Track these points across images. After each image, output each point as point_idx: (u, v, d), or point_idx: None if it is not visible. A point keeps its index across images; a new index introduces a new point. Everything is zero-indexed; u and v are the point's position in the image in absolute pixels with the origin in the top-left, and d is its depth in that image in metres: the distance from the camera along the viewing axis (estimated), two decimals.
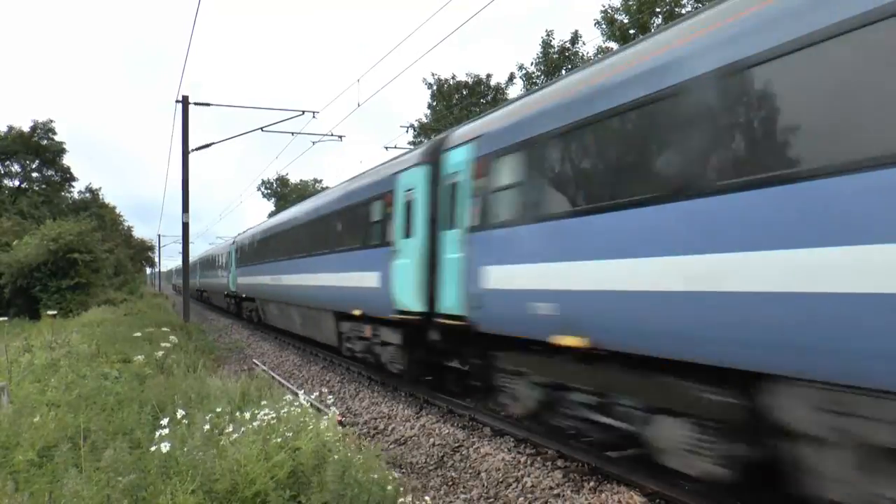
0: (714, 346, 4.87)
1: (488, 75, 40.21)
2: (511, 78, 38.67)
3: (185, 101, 20.93)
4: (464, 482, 7.07)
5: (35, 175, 45.85)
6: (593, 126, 6.23)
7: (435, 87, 40.73)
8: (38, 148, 44.11)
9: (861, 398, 4.06)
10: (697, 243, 4.98)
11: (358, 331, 12.90)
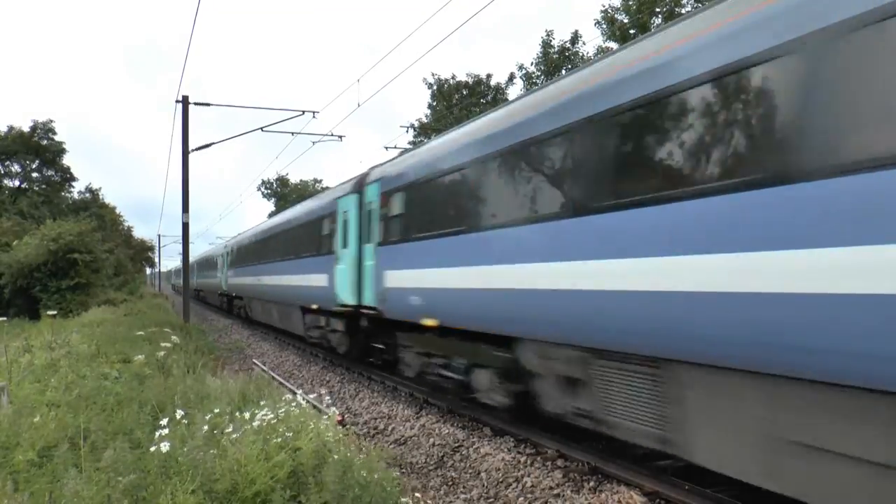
0: (491, 321, 7.79)
1: (488, 75, 40.25)
2: (511, 78, 38.73)
3: (185, 101, 20.89)
4: (464, 482, 7.07)
5: (35, 175, 45.73)
6: (432, 181, 9.54)
7: (435, 87, 40.74)
8: (38, 148, 44.04)
9: (551, 348, 6.87)
10: (477, 259, 7.97)
11: (316, 322, 15.98)
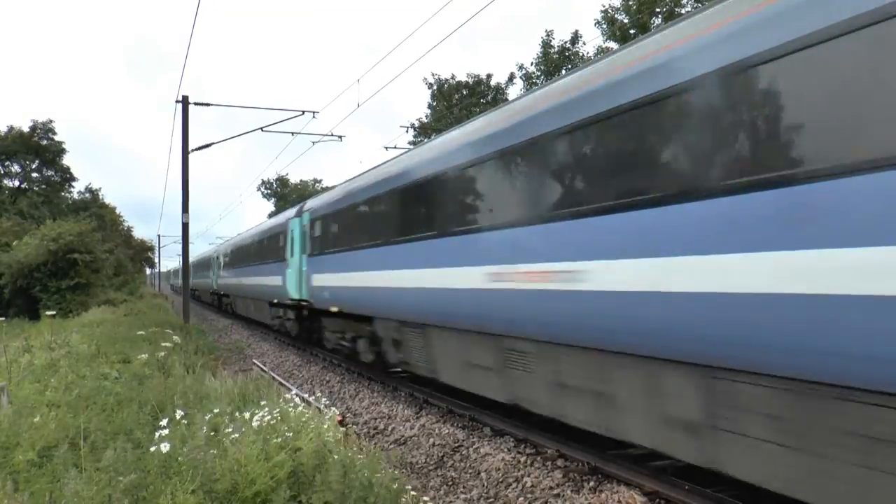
0: (360, 307, 11.98)
1: (488, 75, 40.26)
2: (511, 78, 38.73)
3: (185, 101, 20.88)
4: (464, 482, 7.07)
5: (35, 175, 45.68)
6: (331, 215, 14.20)
7: (435, 87, 40.73)
8: (38, 148, 44.02)
9: (386, 322, 11.07)
10: (352, 267, 12.04)
11: (277, 312, 20.97)
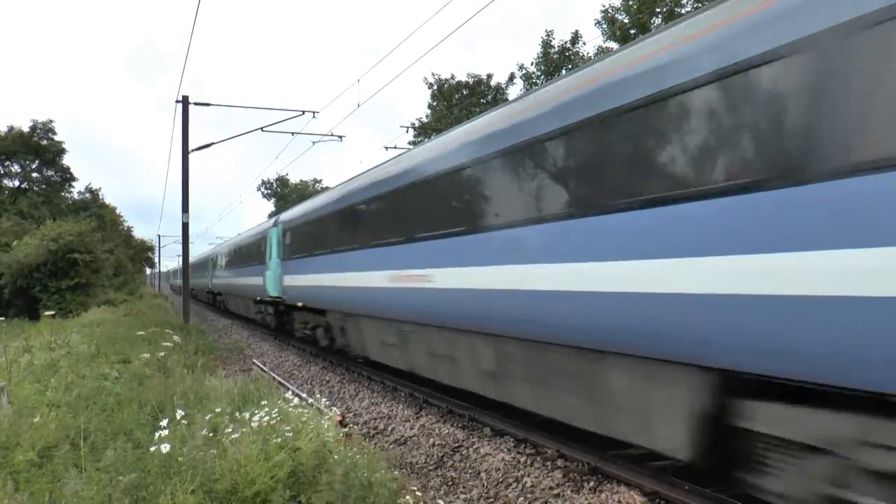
0: (317, 302, 15.08)
1: (489, 75, 40.26)
2: (511, 78, 38.73)
3: (185, 101, 20.89)
4: (464, 482, 7.07)
5: (35, 175, 45.67)
6: (297, 227, 17.35)
7: (435, 87, 40.73)
8: (38, 148, 44.01)
9: (335, 313, 14.32)
10: (313, 270, 15.02)
11: (260, 308, 24.18)
